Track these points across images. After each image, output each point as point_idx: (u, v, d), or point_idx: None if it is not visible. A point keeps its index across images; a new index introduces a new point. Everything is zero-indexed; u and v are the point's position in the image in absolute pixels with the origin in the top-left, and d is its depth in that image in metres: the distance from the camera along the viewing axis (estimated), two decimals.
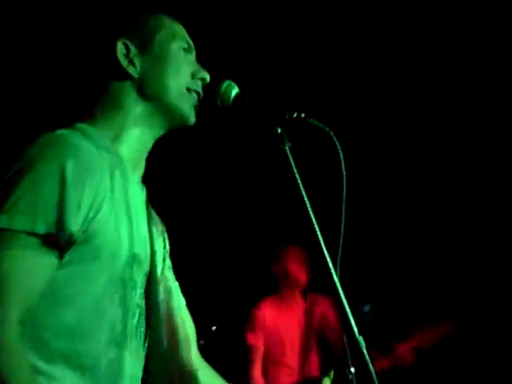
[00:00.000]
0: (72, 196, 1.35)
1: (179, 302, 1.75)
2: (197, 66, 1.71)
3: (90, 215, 1.39)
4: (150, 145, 1.67)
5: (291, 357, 4.51)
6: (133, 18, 1.71)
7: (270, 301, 4.62)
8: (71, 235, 1.36)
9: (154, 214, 1.71)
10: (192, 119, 1.68)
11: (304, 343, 4.55)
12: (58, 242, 1.35)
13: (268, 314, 4.55)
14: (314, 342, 4.58)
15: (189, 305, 1.78)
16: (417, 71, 4.50)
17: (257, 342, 4.49)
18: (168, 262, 1.75)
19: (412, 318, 4.66)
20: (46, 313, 1.38)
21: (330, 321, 4.55)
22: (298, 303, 4.63)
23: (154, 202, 1.71)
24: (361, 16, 4.27)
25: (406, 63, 4.47)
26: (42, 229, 1.33)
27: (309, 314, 4.59)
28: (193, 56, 1.74)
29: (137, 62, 1.63)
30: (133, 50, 1.63)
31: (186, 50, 1.70)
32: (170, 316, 1.67)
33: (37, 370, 1.34)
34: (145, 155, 1.67)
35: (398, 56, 4.44)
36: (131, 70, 1.62)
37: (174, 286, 1.74)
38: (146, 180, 1.68)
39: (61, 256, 1.37)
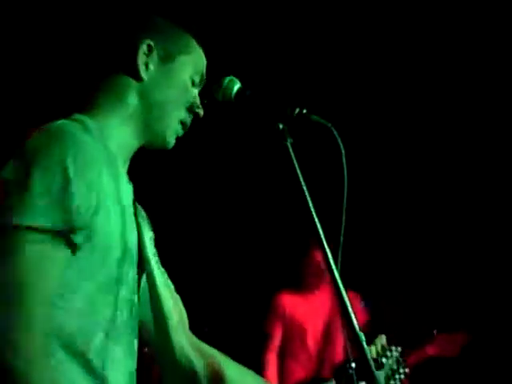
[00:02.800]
0: (76, 193, 1.35)
1: (166, 288, 1.75)
2: (196, 102, 1.71)
3: (92, 213, 1.39)
4: (135, 148, 1.67)
5: (312, 349, 4.40)
6: (168, 25, 1.69)
7: (291, 291, 4.53)
8: (80, 231, 1.36)
9: (138, 207, 1.71)
10: (170, 146, 1.69)
11: (327, 336, 4.44)
12: (70, 238, 1.35)
13: (290, 304, 4.47)
14: (336, 342, 4.37)
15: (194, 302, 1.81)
16: (419, 67, 4.51)
17: (274, 330, 4.44)
18: (153, 249, 1.75)
19: (410, 321, 4.64)
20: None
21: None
22: (324, 298, 4.49)
23: (156, 197, 1.73)
24: (362, 13, 4.28)
25: (408, 59, 4.48)
26: (54, 226, 1.32)
27: (334, 311, 4.42)
28: (199, 89, 1.74)
29: (152, 66, 1.63)
30: (154, 54, 1.63)
31: (196, 84, 1.72)
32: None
33: None
34: (131, 154, 1.67)
35: (399, 51, 4.45)
36: (143, 70, 1.62)
37: (160, 272, 1.73)
38: (138, 176, 1.69)
39: (73, 252, 1.37)
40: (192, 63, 1.69)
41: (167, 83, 1.64)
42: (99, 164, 1.44)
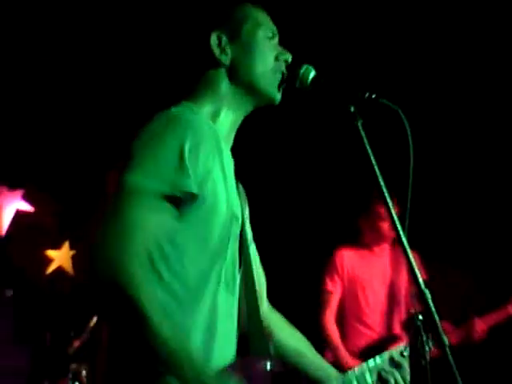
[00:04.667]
0: (189, 163, 1.60)
1: (256, 259, 2.02)
2: (280, 50, 1.94)
3: (203, 180, 1.64)
4: (239, 122, 1.93)
5: (372, 314, 4.21)
6: (223, 11, 1.95)
7: (352, 248, 4.37)
8: (189, 195, 1.61)
9: (239, 183, 1.95)
10: (277, 98, 1.93)
11: (388, 300, 4.26)
12: (176, 199, 1.59)
13: (349, 261, 4.30)
14: (401, 301, 4.25)
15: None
16: (488, 54, 4.59)
17: (332, 287, 4.25)
18: (248, 223, 2.00)
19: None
20: (170, 260, 1.63)
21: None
22: (384, 256, 4.35)
23: (240, 171, 1.96)
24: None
25: (475, 46, 4.56)
26: (163, 188, 1.57)
27: (395, 270, 4.29)
28: (276, 41, 1.96)
29: (228, 50, 1.88)
30: (224, 40, 1.88)
31: (270, 37, 1.94)
32: None
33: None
34: (235, 131, 1.93)
35: (465, 37, 4.54)
36: (223, 58, 1.87)
37: (252, 246, 2.01)
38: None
39: (179, 211, 1.62)
40: (255, 24, 1.92)
41: (246, 52, 1.89)
42: (208, 142, 1.70)
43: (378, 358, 2.04)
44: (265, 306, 2.06)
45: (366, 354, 3.93)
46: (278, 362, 1.84)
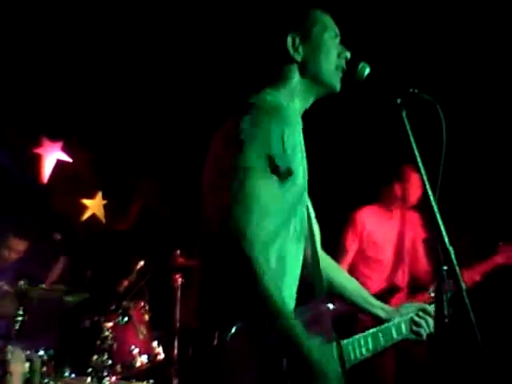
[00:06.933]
0: (287, 147, 2.06)
1: (312, 214, 2.48)
2: (341, 48, 2.39)
3: (292, 157, 2.08)
4: (307, 107, 2.40)
5: (379, 268, 4.82)
6: (296, 16, 2.39)
7: (371, 208, 4.94)
8: (284, 173, 2.05)
9: None
10: (338, 88, 2.39)
11: (395, 257, 4.88)
12: (280, 175, 2.03)
13: (368, 220, 4.88)
14: (405, 258, 4.88)
15: None
16: None
17: (350, 243, 4.83)
18: None
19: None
20: (269, 220, 2.02)
21: (419, 249, 4.92)
22: (398, 217, 4.96)
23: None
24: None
25: None
26: (272, 165, 2.00)
27: (405, 231, 4.92)
28: (338, 40, 2.41)
29: (300, 49, 2.33)
30: (297, 41, 2.33)
31: (334, 37, 2.39)
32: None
33: None
34: (302, 114, 2.38)
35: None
36: (296, 55, 2.32)
37: (310, 205, 2.47)
38: None
39: (279, 184, 2.04)
40: (323, 27, 2.36)
41: (315, 51, 2.33)
42: (295, 127, 2.16)
43: (412, 310, 2.53)
44: (320, 252, 2.52)
45: None
46: (337, 302, 2.29)
